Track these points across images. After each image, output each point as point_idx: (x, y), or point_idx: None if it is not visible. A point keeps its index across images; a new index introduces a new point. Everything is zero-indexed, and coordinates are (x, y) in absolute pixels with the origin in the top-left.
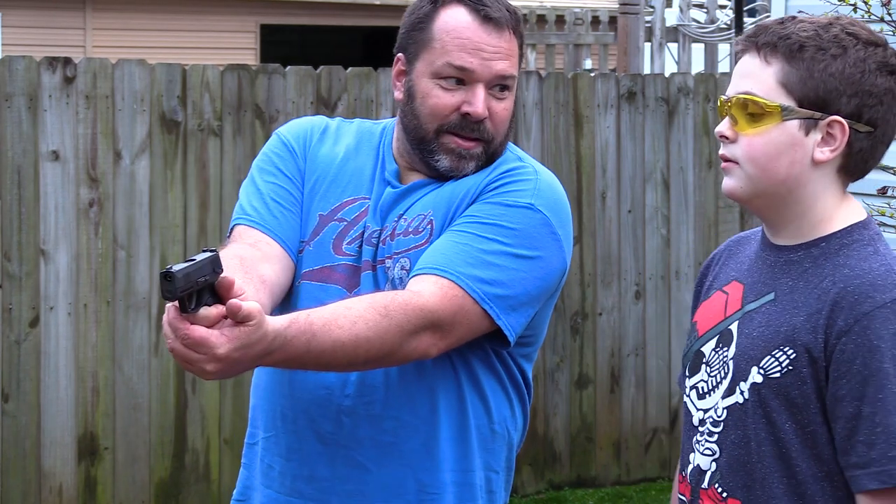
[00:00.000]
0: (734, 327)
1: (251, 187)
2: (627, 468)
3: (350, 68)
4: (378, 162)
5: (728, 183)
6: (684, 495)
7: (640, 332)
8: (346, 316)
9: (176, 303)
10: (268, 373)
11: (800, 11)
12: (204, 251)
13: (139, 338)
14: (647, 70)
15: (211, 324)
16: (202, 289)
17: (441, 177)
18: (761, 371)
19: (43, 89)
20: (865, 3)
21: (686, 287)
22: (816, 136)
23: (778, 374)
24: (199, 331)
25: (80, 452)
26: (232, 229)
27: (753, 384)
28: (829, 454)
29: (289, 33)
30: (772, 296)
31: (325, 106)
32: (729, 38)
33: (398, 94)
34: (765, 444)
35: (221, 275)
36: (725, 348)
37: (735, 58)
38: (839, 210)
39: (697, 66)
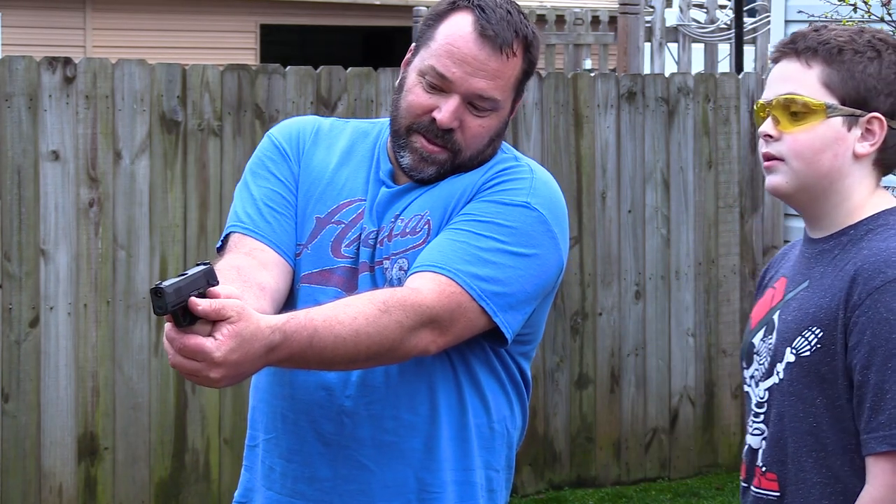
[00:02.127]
0: (776, 316)
1: (244, 192)
2: (627, 468)
3: (350, 68)
4: (373, 162)
5: (773, 179)
6: (742, 477)
7: (640, 332)
8: (346, 312)
9: (171, 318)
10: (267, 374)
11: (799, 11)
12: (199, 264)
13: (139, 338)
14: (647, 70)
15: (207, 334)
16: None
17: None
18: (794, 351)
19: (43, 89)
20: (865, 3)
21: (686, 287)
22: (857, 131)
23: (808, 353)
24: (192, 339)
25: (80, 452)
26: (226, 236)
27: (787, 364)
28: (855, 427)
29: (289, 33)
30: (806, 283)
31: (325, 106)
32: (729, 38)
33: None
34: (797, 420)
35: (214, 287)
36: (769, 336)
37: (772, 63)
38: (870, 201)
39: (697, 66)
